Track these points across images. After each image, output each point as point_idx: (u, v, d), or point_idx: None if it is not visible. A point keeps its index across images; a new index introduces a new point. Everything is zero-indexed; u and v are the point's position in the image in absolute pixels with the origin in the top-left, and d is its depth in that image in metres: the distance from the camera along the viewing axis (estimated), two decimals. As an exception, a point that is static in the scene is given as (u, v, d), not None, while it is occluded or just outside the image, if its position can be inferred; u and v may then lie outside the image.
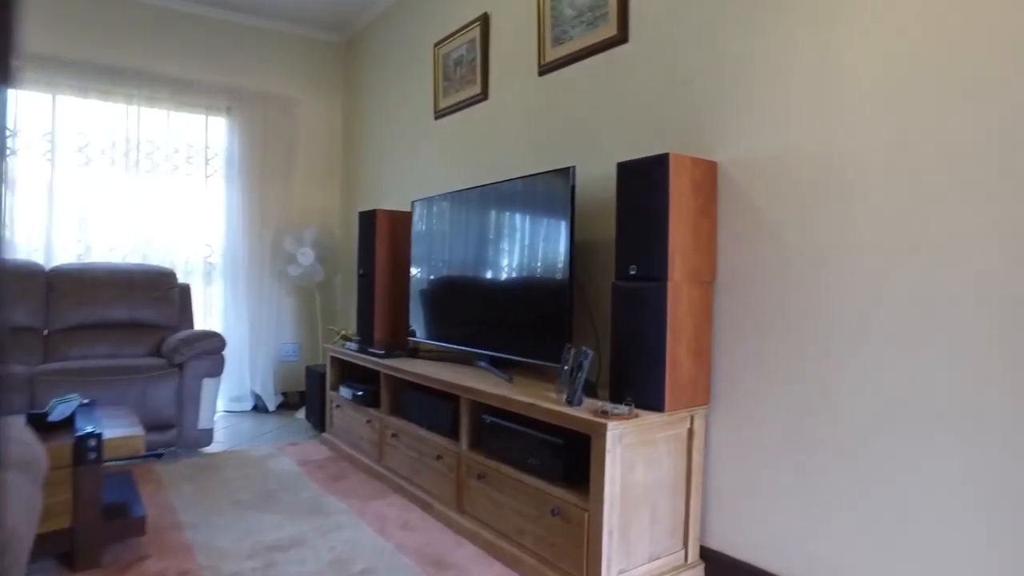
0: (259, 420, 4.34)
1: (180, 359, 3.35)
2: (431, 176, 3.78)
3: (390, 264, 3.67)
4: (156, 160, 4.25)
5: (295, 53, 4.77)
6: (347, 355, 3.44)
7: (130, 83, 4.09)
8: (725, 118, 2.04)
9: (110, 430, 2.19)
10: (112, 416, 2.52)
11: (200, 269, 4.47)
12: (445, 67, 3.53)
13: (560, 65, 2.68)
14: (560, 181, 2.34)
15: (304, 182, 4.84)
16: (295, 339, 4.87)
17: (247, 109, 4.48)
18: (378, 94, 4.42)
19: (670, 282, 1.90)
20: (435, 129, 3.70)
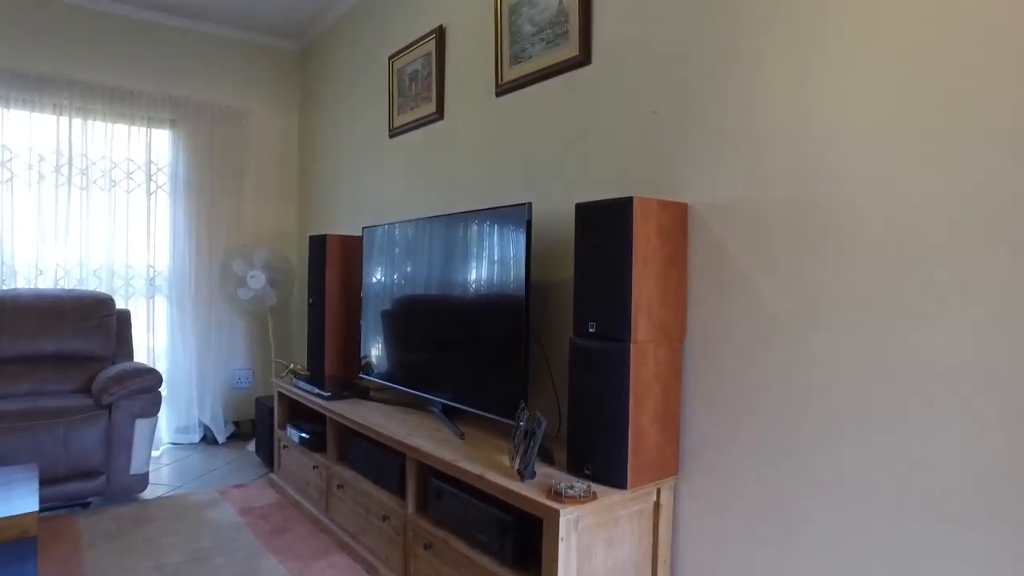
0: (207, 454, 4.06)
1: (109, 399, 3.06)
2: (386, 199, 3.53)
3: (342, 293, 3.42)
4: (92, 176, 3.94)
5: (246, 61, 4.48)
6: (294, 393, 3.17)
7: (60, 92, 3.78)
8: (696, 154, 1.82)
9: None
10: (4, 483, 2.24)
11: (143, 292, 4.16)
12: (400, 82, 3.28)
13: (518, 86, 2.45)
14: (515, 217, 2.11)
15: (257, 200, 4.55)
16: (248, 364, 4.58)
17: (193, 121, 4.19)
18: (334, 107, 4.15)
19: (634, 343, 1.68)
20: (390, 148, 3.45)
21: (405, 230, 2.81)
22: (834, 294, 1.51)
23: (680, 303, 1.81)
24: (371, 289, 3.11)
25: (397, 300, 2.88)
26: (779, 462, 1.61)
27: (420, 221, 2.68)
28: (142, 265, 4.14)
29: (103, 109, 3.91)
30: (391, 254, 2.94)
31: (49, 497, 2.90)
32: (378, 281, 3.05)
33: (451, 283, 2.47)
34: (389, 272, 2.95)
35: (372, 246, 3.10)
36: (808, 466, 1.55)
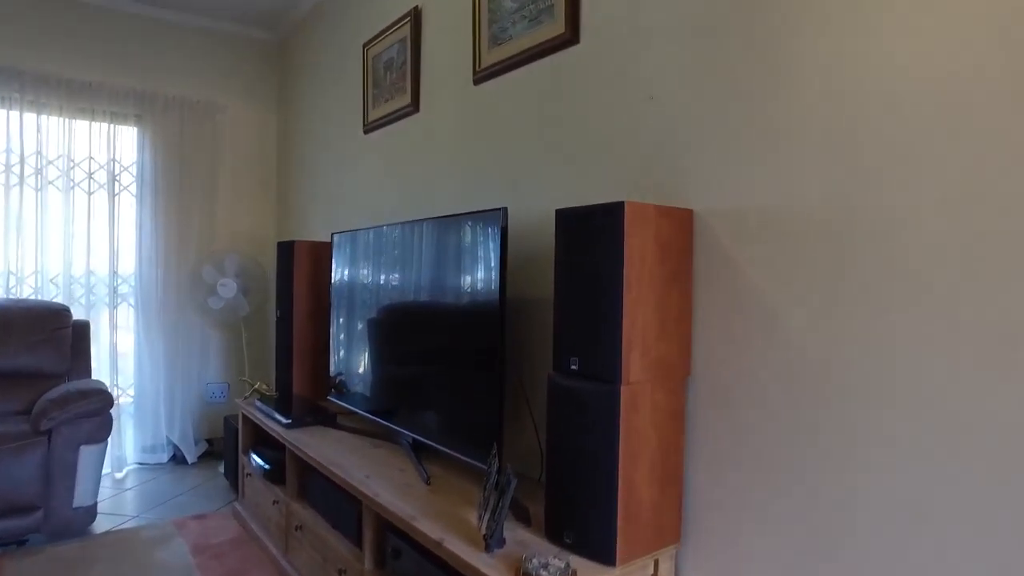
0: (175, 475, 3.75)
1: (48, 425, 2.74)
2: (361, 201, 3.20)
3: (312, 306, 3.10)
4: (49, 175, 3.64)
5: (219, 52, 4.16)
6: (256, 417, 2.85)
7: (9, 84, 3.47)
8: (705, 149, 1.48)
9: None
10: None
11: (106, 301, 3.85)
12: (375, 72, 2.96)
13: (498, 71, 2.12)
14: (489, 224, 1.78)
15: (231, 202, 4.23)
16: (223, 378, 4.27)
17: (161, 117, 3.88)
18: (310, 101, 3.83)
19: (625, 385, 1.34)
20: (365, 145, 3.13)
21: (370, 237, 2.49)
22: (885, 334, 1.16)
23: (683, 334, 1.47)
24: (339, 302, 2.79)
25: (363, 316, 2.56)
26: (802, 534, 1.28)
27: (386, 228, 2.36)
28: (105, 272, 3.84)
29: (59, 103, 3.61)
30: (357, 264, 2.62)
31: (-23, 534, 2.61)
32: (345, 294, 2.73)
33: (419, 299, 2.14)
34: (356, 284, 2.63)
35: (340, 255, 2.78)
36: (838, 544, 1.21)
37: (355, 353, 2.66)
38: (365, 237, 2.55)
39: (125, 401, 3.94)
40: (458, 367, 1.93)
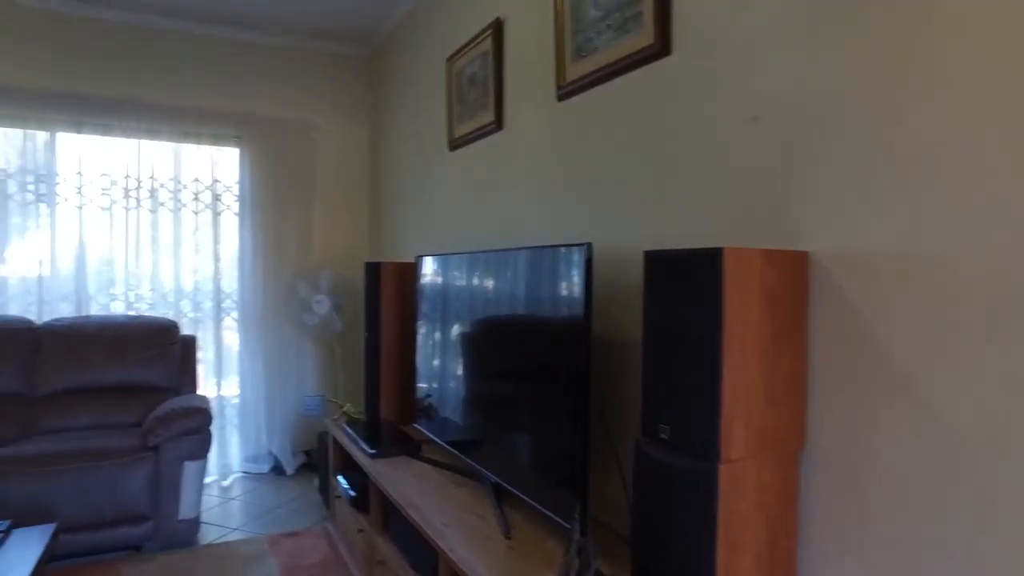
0: (275, 487, 3.85)
1: (154, 441, 2.86)
2: (446, 222, 3.13)
3: (399, 328, 3.05)
4: (161, 198, 3.83)
5: (313, 71, 4.23)
6: (344, 441, 2.84)
7: (128, 115, 3.68)
8: (825, 181, 1.25)
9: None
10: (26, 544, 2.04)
11: (212, 316, 4.02)
12: (459, 86, 2.86)
13: (583, 86, 1.95)
14: (572, 259, 1.62)
15: (326, 218, 4.30)
16: (319, 391, 4.35)
17: (259, 137, 3.99)
18: (399, 117, 3.81)
19: (725, 463, 1.14)
20: (450, 163, 3.04)
21: (451, 265, 2.39)
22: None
23: (796, 400, 1.25)
24: (423, 328, 2.72)
25: (444, 346, 2.47)
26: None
27: (466, 256, 2.25)
28: (211, 288, 4.00)
29: (168, 129, 3.79)
30: (438, 291, 2.53)
31: (97, 542, 2.74)
32: (428, 321, 2.65)
33: (499, 334, 2.01)
34: (437, 312, 2.55)
35: (423, 279, 2.71)
36: None
37: (438, 381, 2.58)
38: (446, 263, 2.46)
39: (230, 412, 4.10)
40: (540, 409, 1.79)
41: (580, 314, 1.57)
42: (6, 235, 3.52)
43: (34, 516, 2.61)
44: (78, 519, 2.69)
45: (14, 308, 3.55)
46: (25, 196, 3.55)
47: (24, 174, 3.55)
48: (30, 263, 3.58)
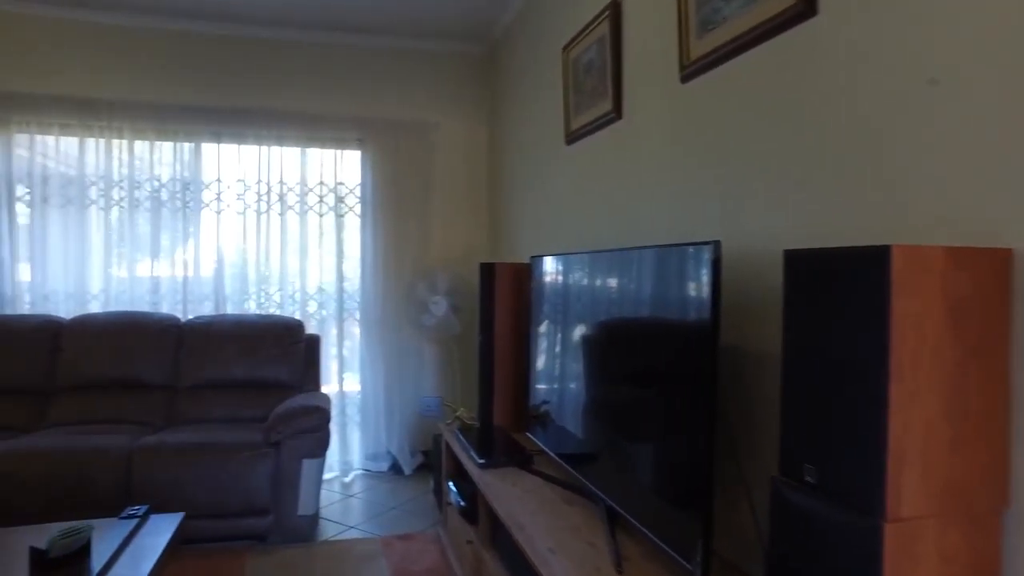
0: (392, 486, 3.88)
1: (275, 438, 2.94)
2: (564, 219, 2.97)
3: (514, 332, 2.94)
4: (289, 201, 3.98)
5: (429, 71, 4.24)
6: (455, 448, 2.77)
7: (259, 124, 3.86)
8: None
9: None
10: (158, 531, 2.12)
11: (336, 316, 4.12)
12: (576, 76, 2.69)
13: (709, 64, 1.71)
14: (700, 259, 1.40)
15: (445, 218, 4.29)
16: (438, 391, 4.34)
17: (380, 139, 4.04)
18: (516, 114, 3.70)
19: (894, 522, 0.90)
20: (567, 158, 2.88)
21: (567, 265, 2.23)
22: None
23: (994, 442, 0.97)
24: (537, 332, 2.58)
25: (559, 352, 2.31)
26: None
27: (583, 256, 2.08)
28: (335, 289, 4.11)
29: (295, 135, 3.93)
30: (554, 293, 2.38)
31: (225, 529, 2.86)
32: (542, 325, 2.51)
33: (619, 340, 1.82)
34: (552, 316, 2.40)
35: (538, 280, 2.57)
36: None
37: (552, 389, 2.43)
38: (562, 263, 2.30)
39: (352, 410, 4.19)
40: (658, 426, 1.58)
41: (706, 320, 1.35)
42: (159, 239, 3.80)
43: (172, 500, 2.76)
44: (209, 507, 2.82)
45: (165, 306, 3.83)
46: (175, 203, 3.81)
47: (174, 183, 3.81)
48: (178, 265, 3.84)
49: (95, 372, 3.31)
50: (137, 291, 3.78)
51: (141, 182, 3.76)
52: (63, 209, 3.68)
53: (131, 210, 3.74)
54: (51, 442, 2.83)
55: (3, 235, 3.60)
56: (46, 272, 3.67)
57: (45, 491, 2.68)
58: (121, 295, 3.75)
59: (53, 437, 2.90)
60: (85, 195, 3.68)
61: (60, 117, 3.63)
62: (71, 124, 3.66)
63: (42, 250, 3.67)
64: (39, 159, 3.68)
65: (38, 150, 3.68)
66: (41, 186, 3.67)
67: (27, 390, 3.29)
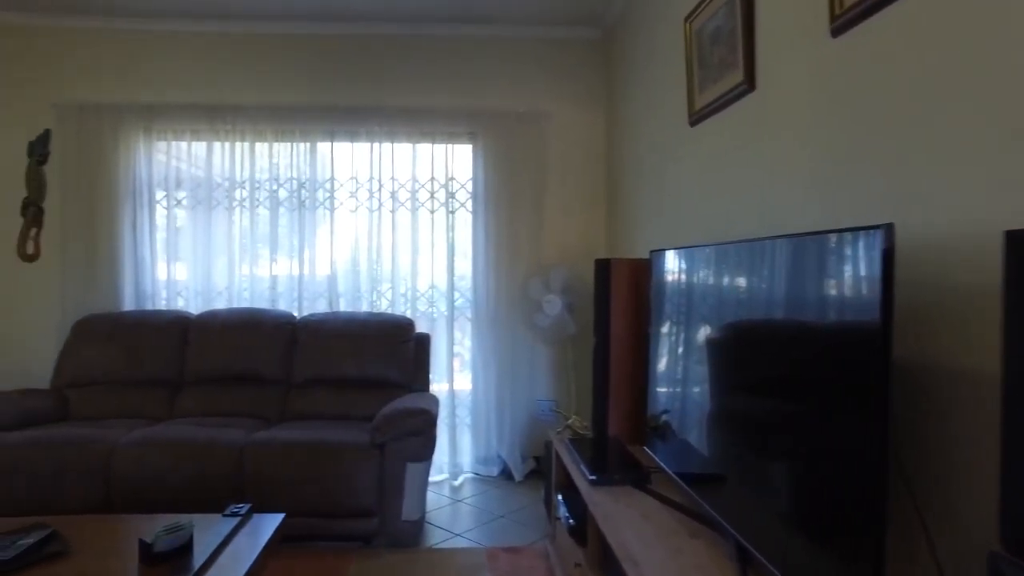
0: (502, 492, 3.73)
1: (380, 439, 2.87)
2: (684, 209, 2.67)
3: (633, 334, 2.69)
4: (401, 198, 3.94)
5: (542, 59, 4.05)
6: (565, 459, 2.55)
7: (371, 121, 3.85)
8: None
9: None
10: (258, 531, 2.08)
11: (446, 315, 4.04)
12: (700, 48, 2.39)
13: (871, 7, 1.38)
14: (864, 248, 1.10)
15: (558, 213, 4.08)
16: (552, 394, 4.15)
17: (491, 132, 3.91)
18: (633, 98, 3.42)
19: None
20: (691, 140, 2.58)
21: (693, 259, 1.95)
22: None
23: None
24: (658, 335, 2.31)
25: (683, 358, 2.04)
26: None
27: (711, 248, 1.80)
28: (446, 287, 4.02)
29: (407, 130, 3.89)
30: (677, 292, 2.10)
31: (331, 529, 2.83)
32: (664, 327, 2.24)
33: (757, 345, 1.53)
34: (676, 317, 2.12)
35: (659, 277, 2.30)
36: None
37: (674, 399, 2.16)
38: (686, 258, 2.03)
39: (462, 411, 4.09)
40: (808, 451, 1.29)
41: (874, 324, 1.05)
42: (277, 238, 3.89)
43: (279, 496, 2.76)
44: (315, 505, 2.79)
45: (282, 304, 3.91)
46: (291, 203, 3.89)
47: (291, 183, 3.89)
48: (295, 263, 3.91)
49: (217, 366, 3.42)
50: (257, 288, 3.89)
51: (261, 182, 3.87)
52: (193, 211, 3.86)
53: (252, 210, 3.86)
54: (175, 433, 2.93)
55: (144, 235, 3.83)
56: (179, 270, 3.86)
57: (169, 480, 2.76)
58: (243, 292, 3.87)
59: (177, 428, 3.00)
60: (212, 197, 3.84)
61: (191, 123, 3.81)
62: (201, 129, 3.83)
63: (175, 249, 3.87)
64: (174, 163, 3.88)
65: (173, 155, 3.89)
66: (175, 189, 3.87)
67: (161, 381, 3.46)
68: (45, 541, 1.92)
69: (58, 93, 3.85)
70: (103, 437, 2.87)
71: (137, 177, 3.82)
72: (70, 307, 3.73)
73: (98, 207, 3.75)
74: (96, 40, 3.89)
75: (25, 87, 3.87)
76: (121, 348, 3.43)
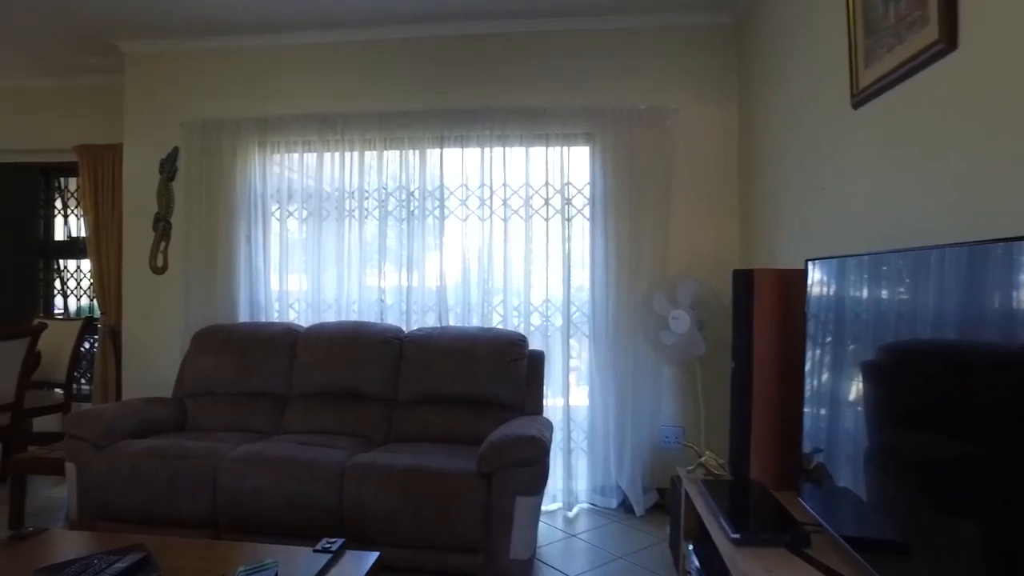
0: (621, 528, 3.37)
1: (487, 468, 2.60)
2: (848, 209, 2.21)
3: (780, 357, 2.26)
4: (513, 205, 3.70)
5: (666, 51, 3.67)
6: (697, 504, 2.17)
7: (481, 124, 3.65)
8: None
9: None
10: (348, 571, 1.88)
11: (561, 330, 3.74)
12: (866, 12, 1.94)
13: None
14: None
15: (686, 218, 3.67)
16: (677, 421, 3.73)
17: (610, 132, 3.58)
18: (774, 87, 2.97)
19: None
20: (854, 125, 2.12)
21: (864, 269, 1.53)
22: None
23: None
24: (816, 359, 1.89)
25: (849, 388, 1.61)
26: None
27: (891, 256, 1.38)
28: (561, 300, 3.73)
29: (520, 133, 3.66)
30: (842, 307, 1.68)
31: (430, 563, 2.60)
32: (823, 350, 1.82)
33: (954, 375, 1.11)
34: (840, 338, 1.70)
35: (817, 290, 1.88)
36: None
37: (836, 438, 1.73)
38: (854, 268, 1.61)
39: (578, 435, 3.77)
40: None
41: None
42: (385, 249, 3.78)
43: (378, 524, 2.58)
44: (415, 536, 2.58)
45: (391, 317, 3.79)
46: (400, 212, 3.76)
47: (400, 192, 3.77)
48: (403, 275, 3.78)
49: (322, 381, 3.33)
50: (366, 301, 3.79)
51: (370, 192, 3.78)
52: (304, 222, 3.84)
53: (361, 220, 3.77)
54: (278, 451, 2.83)
55: (259, 247, 3.85)
56: (291, 281, 3.85)
57: (269, 498, 2.66)
58: (352, 305, 3.79)
59: (281, 446, 2.91)
60: (322, 208, 3.79)
61: (303, 134, 3.80)
62: (312, 140, 3.81)
63: (287, 260, 3.86)
64: (286, 175, 3.89)
65: (286, 166, 3.89)
66: (287, 201, 3.87)
67: (270, 395, 3.42)
68: (138, 565, 1.86)
69: (186, 111, 3.97)
70: (210, 451, 2.83)
71: (252, 189, 3.85)
72: (192, 318, 3.81)
73: (217, 220, 3.81)
74: (218, 59, 3.99)
75: (157, 108, 4.04)
76: (233, 360, 3.43)
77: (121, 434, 2.98)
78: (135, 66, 4.08)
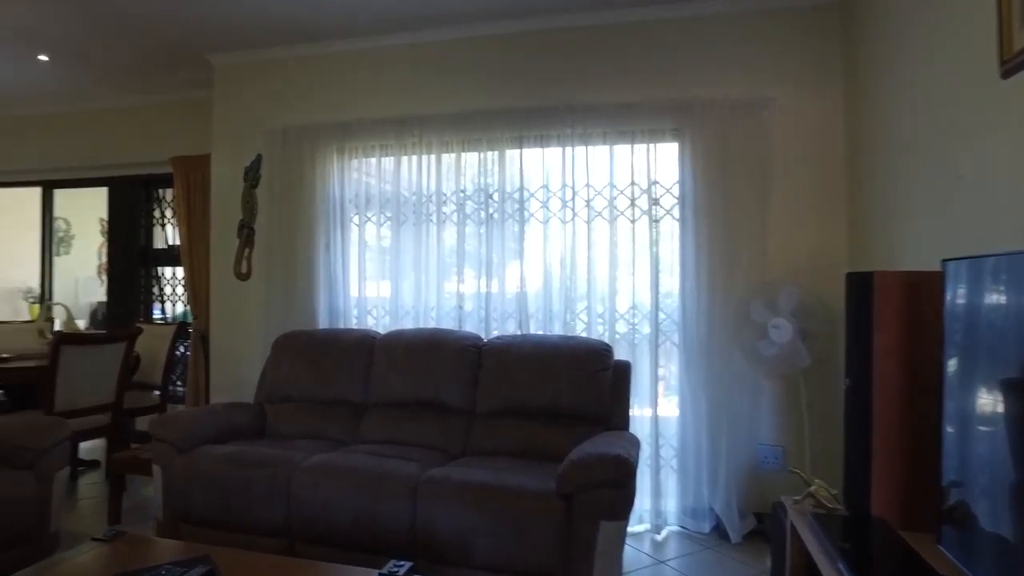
0: (715, 557, 3.08)
1: (567, 488, 2.40)
2: (999, 200, 1.87)
3: (907, 373, 1.94)
4: (597, 207, 3.50)
5: (760, 36, 3.36)
6: (807, 539, 1.88)
7: (563, 122, 3.47)
8: None
9: None
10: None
11: (649, 340, 3.49)
12: (1028, -43, 1.62)
13: None
14: None
15: (786, 218, 3.33)
16: (779, 440, 3.38)
17: (700, 126, 3.31)
18: (889, 68, 2.62)
19: None
20: (1004, 99, 1.79)
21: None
22: None
23: None
24: (956, 377, 1.58)
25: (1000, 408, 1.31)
26: None
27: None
28: (648, 307, 3.48)
29: (603, 130, 3.45)
30: (993, 316, 1.38)
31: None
32: (967, 365, 1.51)
33: None
34: (991, 352, 1.40)
35: (956, 296, 1.57)
36: None
37: (985, 469, 1.43)
38: (1008, 268, 1.31)
39: (668, 452, 3.49)
40: None
41: None
42: (464, 253, 3.66)
43: (450, 544, 2.43)
44: (487, 559, 2.41)
45: (469, 324, 3.66)
46: (478, 216, 3.64)
47: (478, 194, 3.64)
48: (483, 280, 3.64)
49: (399, 390, 3.23)
50: (444, 307, 3.68)
51: (448, 196, 3.67)
52: (382, 227, 3.79)
53: (440, 224, 3.67)
54: (351, 461, 2.74)
55: (337, 252, 3.83)
56: (370, 287, 3.80)
57: (341, 509, 2.57)
58: (430, 311, 3.69)
59: (355, 457, 2.82)
60: (400, 213, 3.72)
61: (380, 138, 3.76)
62: (389, 144, 3.76)
63: (365, 266, 3.82)
64: (364, 179, 3.85)
65: (364, 171, 3.86)
66: (365, 206, 3.83)
67: (347, 403, 3.35)
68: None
69: (268, 119, 4.02)
70: (285, 459, 2.78)
71: (331, 195, 3.85)
72: (273, 324, 3.83)
73: (296, 226, 3.83)
74: (298, 66, 4.04)
75: (242, 117, 4.12)
76: (312, 366, 3.39)
77: (202, 439, 2.99)
78: (223, 77, 4.18)
